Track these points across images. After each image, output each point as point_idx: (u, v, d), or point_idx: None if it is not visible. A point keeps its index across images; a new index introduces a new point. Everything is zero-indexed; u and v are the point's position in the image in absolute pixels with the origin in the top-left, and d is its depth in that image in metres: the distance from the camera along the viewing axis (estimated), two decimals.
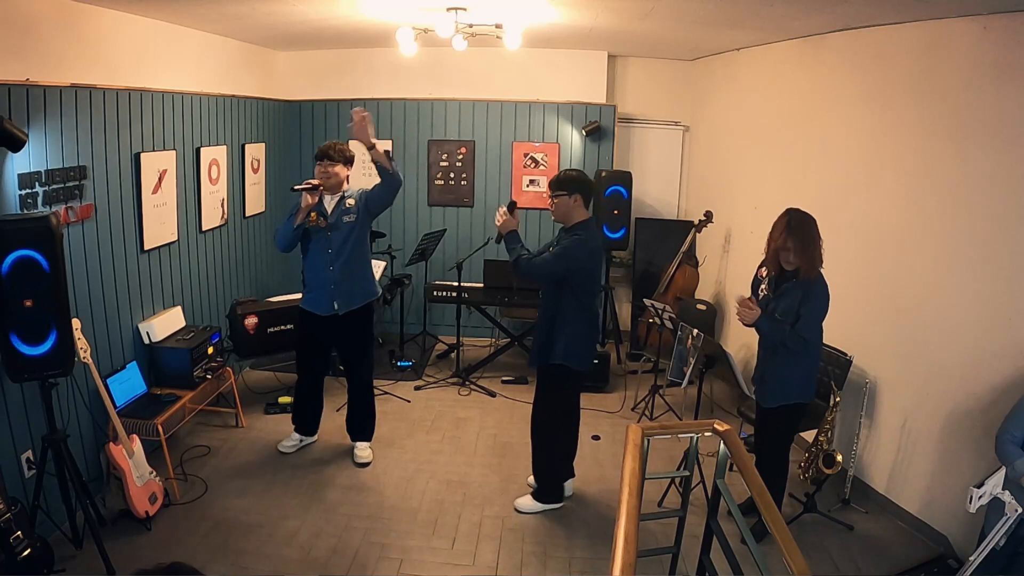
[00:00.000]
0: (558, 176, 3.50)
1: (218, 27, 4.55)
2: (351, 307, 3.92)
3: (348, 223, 3.85)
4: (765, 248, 3.24)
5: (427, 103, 6.16)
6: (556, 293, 3.45)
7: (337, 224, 3.83)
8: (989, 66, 3.12)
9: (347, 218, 3.85)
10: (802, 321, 3.09)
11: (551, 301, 3.49)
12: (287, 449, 4.22)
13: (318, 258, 3.87)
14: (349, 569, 3.18)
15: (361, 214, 3.87)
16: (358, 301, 3.95)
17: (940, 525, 3.41)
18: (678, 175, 6.52)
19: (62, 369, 2.95)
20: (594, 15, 4.19)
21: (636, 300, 6.17)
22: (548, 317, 3.50)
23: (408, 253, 5.95)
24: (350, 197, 3.89)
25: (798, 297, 3.11)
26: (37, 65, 3.10)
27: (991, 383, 3.15)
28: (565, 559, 3.32)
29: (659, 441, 4.05)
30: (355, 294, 3.93)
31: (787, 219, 3.11)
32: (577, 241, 3.38)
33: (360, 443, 4.21)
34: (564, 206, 3.43)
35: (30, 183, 3.05)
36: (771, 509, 2.01)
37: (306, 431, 4.29)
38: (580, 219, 3.45)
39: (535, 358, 3.59)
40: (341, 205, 3.87)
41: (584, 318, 3.50)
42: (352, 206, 3.88)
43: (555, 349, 3.48)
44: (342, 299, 3.89)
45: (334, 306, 3.89)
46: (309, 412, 4.26)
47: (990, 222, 3.16)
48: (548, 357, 3.50)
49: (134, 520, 3.35)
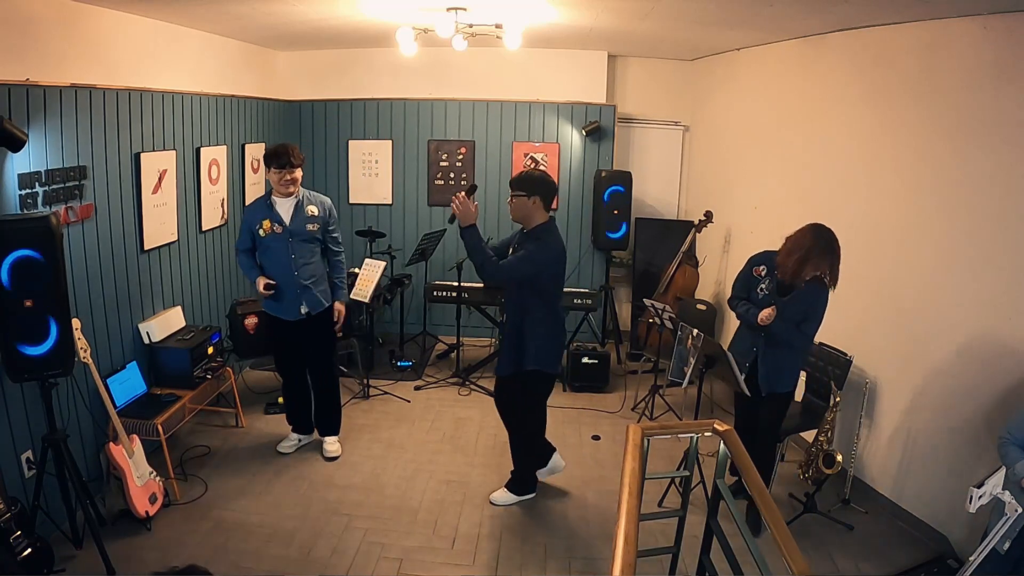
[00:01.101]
0: (519, 175, 3.41)
1: (218, 27, 4.55)
2: (319, 309, 3.91)
3: (311, 232, 3.83)
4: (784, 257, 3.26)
5: (427, 103, 6.16)
6: (521, 298, 3.40)
7: (299, 231, 3.79)
8: (989, 66, 3.12)
9: (310, 226, 3.83)
10: (808, 321, 3.30)
11: (517, 307, 3.43)
12: (287, 450, 4.22)
13: (281, 264, 3.79)
14: (349, 569, 3.18)
15: (321, 230, 3.87)
16: (325, 301, 3.95)
17: (940, 525, 3.41)
18: (678, 175, 6.52)
19: (62, 369, 2.95)
20: (594, 15, 4.19)
21: (636, 300, 6.17)
22: (516, 324, 3.44)
23: (408, 253, 5.95)
24: (311, 204, 3.84)
25: (809, 300, 3.28)
26: (37, 65, 3.10)
27: (991, 383, 3.15)
28: (565, 559, 3.33)
29: (659, 441, 4.05)
30: (319, 297, 3.92)
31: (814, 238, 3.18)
32: (542, 245, 3.33)
33: (329, 438, 4.22)
34: (523, 207, 3.35)
35: (30, 183, 3.05)
36: (771, 509, 2.01)
37: (302, 429, 4.29)
38: (540, 221, 3.38)
39: (507, 366, 3.50)
40: (301, 211, 3.81)
41: (552, 321, 3.48)
42: (315, 215, 3.84)
43: (527, 355, 3.44)
44: (309, 302, 3.88)
45: (301, 311, 3.87)
46: (300, 410, 4.25)
47: (990, 222, 3.16)
48: (522, 364, 3.45)
49: (134, 520, 3.35)
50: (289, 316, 3.88)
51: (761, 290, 3.42)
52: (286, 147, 3.74)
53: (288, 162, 3.70)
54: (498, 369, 3.60)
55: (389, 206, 6.34)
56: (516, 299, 3.43)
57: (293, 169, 3.73)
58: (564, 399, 5.17)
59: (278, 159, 3.70)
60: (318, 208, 3.87)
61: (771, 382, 3.44)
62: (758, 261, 3.47)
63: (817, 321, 3.31)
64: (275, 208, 3.79)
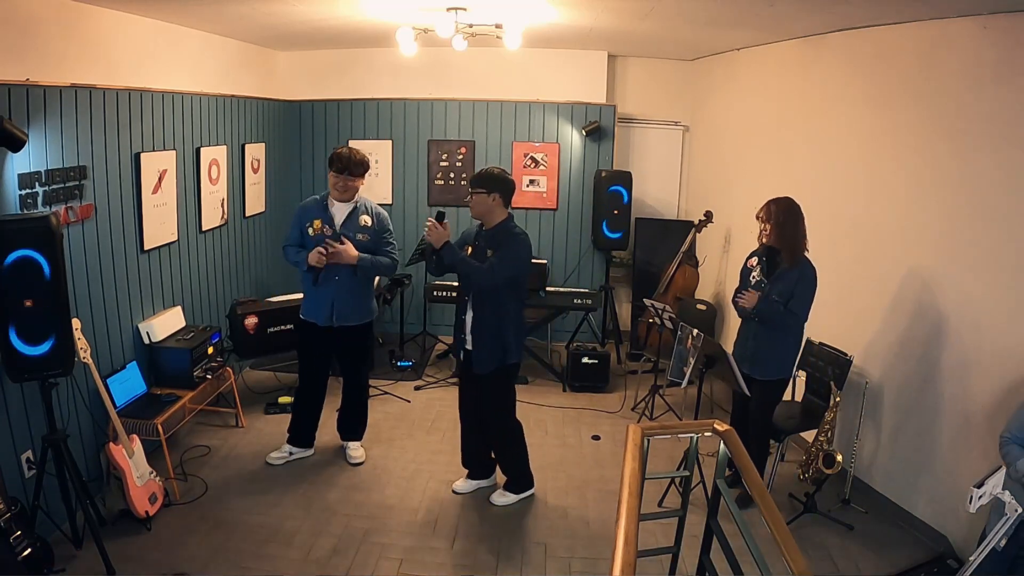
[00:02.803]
0: (479, 173, 3.47)
1: (218, 27, 4.55)
2: (345, 323, 3.83)
3: (361, 241, 3.73)
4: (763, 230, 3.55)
5: (427, 103, 6.16)
6: (499, 296, 3.44)
7: (348, 237, 3.70)
8: (989, 66, 3.12)
9: (361, 236, 3.74)
10: (795, 300, 3.45)
11: (495, 305, 3.46)
12: (275, 461, 4.07)
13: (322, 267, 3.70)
14: (349, 569, 3.18)
15: (371, 242, 3.77)
16: (355, 319, 3.86)
17: (940, 525, 3.41)
18: (678, 175, 6.52)
19: (62, 369, 2.95)
20: (594, 15, 4.19)
21: (636, 300, 6.17)
22: (493, 321, 3.47)
23: (408, 253, 5.95)
24: (365, 213, 3.78)
25: (793, 280, 3.46)
26: (37, 65, 3.10)
27: (991, 383, 3.14)
28: (565, 559, 3.32)
29: (659, 441, 4.04)
30: (353, 311, 3.84)
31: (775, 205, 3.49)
32: (519, 242, 3.41)
33: (352, 443, 4.18)
34: (483, 204, 3.42)
35: (30, 183, 3.05)
36: (771, 510, 2.00)
37: (300, 443, 4.14)
38: (501, 218, 3.46)
39: (489, 363, 3.51)
40: (354, 218, 3.76)
41: (521, 313, 3.63)
42: (367, 226, 3.77)
43: (510, 349, 3.52)
44: (340, 313, 3.81)
45: (332, 318, 3.80)
46: (306, 423, 4.12)
47: (990, 221, 3.16)
48: (505, 359, 3.52)
49: (134, 520, 3.35)
50: (321, 321, 3.80)
51: (753, 278, 3.62)
52: (350, 155, 3.67)
53: (348, 170, 3.65)
54: (479, 367, 3.52)
55: (389, 206, 6.34)
56: (492, 297, 3.46)
57: (353, 179, 3.68)
58: (564, 399, 5.17)
59: (339, 165, 3.65)
60: (372, 219, 3.79)
61: (759, 364, 3.56)
62: (750, 255, 3.70)
63: (804, 300, 3.43)
64: (329, 210, 3.75)
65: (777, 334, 3.55)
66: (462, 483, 3.91)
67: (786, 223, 3.45)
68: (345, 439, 4.21)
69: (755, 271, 3.63)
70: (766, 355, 3.58)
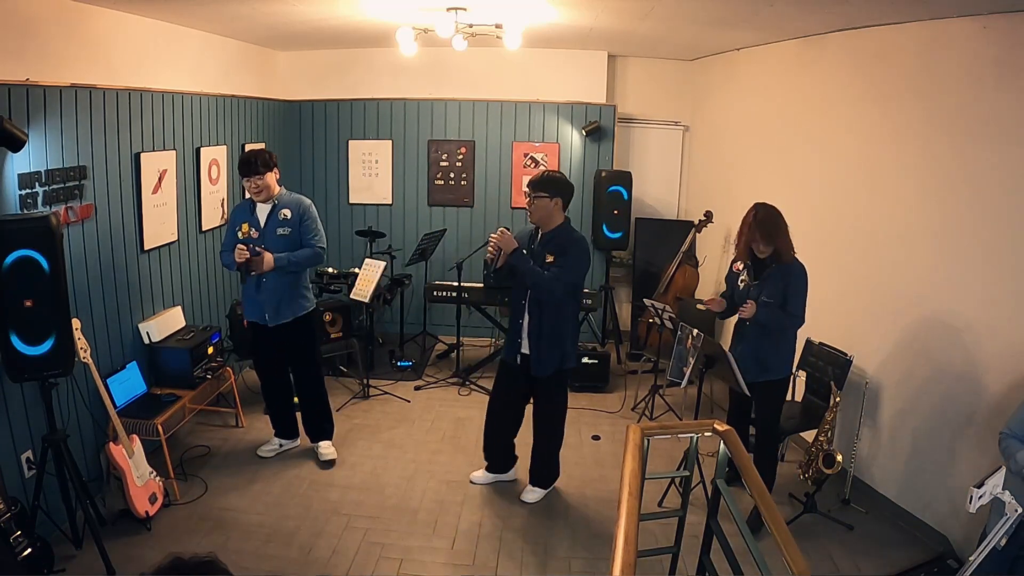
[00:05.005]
0: (541, 176, 3.43)
1: (218, 27, 4.55)
2: (279, 320, 3.84)
3: (282, 236, 3.75)
4: (735, 241, 3.52)
5: (427, 103, 6.16)
6: (561, 300, 3.44)
7: (271, 236, 3.74)
8: (989, 65, 3.12)
9: (281, 231, 3.76)
10: (791, 301, 3.39)
11: (554, 309, 3.45)
12: (266, 454, 4.15)
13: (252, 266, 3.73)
14: (349, 569, 3.18)
15: (294, 234, 3.78)
16: (287, 315, 3.86)
17: (940, 525, 3.41)
18: (678, 175, 6.52)
19: (62, 369, 2.95)
20: (594, 15, 4.19)
21: (636, 300, 6.16)
22: (554, 325, 3.46)
23: (408, 253, 5.95)
24: (285, 208, 3.78)
25: (781, 280, 3.40)
26: (37, 65, 3.10)
27: (991, 383, 3.14)
28: (565, 559, 3.33)
29: (659, 441, 4.04)
30: (286, 308, 3.85)
31: (753, 213, 3.38)
32: (579, 249, 3.41)
33: (322, 443, 4.17)
34: (544, 208, 3.39)
35: (30, 183, 3.05)
36: (771, 510, 2.01)
37: (284, 434, 4.22)
38: (559, 222, 3.45)
39: (549, 366, 3.51)
40: (275, 216, 3.77)
41: (578, 316, 3.68)
42: (287, 219, 3.77)
43: (568, 353, 3.55)
44: (271, 311, 3.83)
45: (266, 318, 3.84)
46: (280, 415, 4.18)
47: (991, 221, 3.16)
48: (564, 362, 3.55)
49: (134, 520, 3.35)
50: (257, 319, 3.86)
51: (741, 282, 3.59)
52: (251, 155, 3.69)
53: (252, 170, 3.65)
54: (539, 370, 3.52)
55: (389, 206, 6.34)
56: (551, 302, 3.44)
57: (260, 176, 3.66)
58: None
59: (243, 168, 3.69)
60: (292, 211, 3.79)
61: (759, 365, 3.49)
62: (735, 259, 3.65)
63: (799, 296, 3.38)
64: (255, 212, 3.78)
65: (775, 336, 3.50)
66: (481, 474, 3.95)
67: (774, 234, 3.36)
68: (314, 440, 4.19)
69: (742, 275, 3.58)
70: (768, 356, 3.53)
